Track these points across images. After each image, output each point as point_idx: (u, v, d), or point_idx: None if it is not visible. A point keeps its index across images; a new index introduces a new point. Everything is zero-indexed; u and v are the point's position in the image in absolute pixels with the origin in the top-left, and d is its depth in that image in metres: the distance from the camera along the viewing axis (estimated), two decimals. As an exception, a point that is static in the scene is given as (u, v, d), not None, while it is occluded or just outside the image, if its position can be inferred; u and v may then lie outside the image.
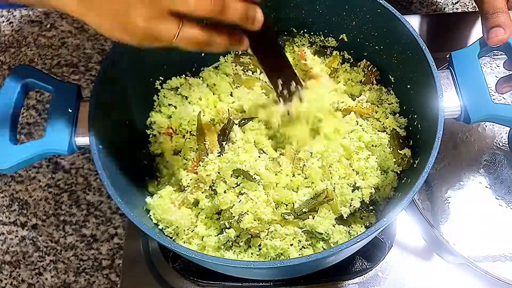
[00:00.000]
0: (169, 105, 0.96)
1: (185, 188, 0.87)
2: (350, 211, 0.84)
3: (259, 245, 0.82)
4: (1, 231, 1.03)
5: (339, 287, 0.91)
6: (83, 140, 0.77)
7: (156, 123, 0.94)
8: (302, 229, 0.82)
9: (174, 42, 0.59)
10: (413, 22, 0.83)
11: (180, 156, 0.92)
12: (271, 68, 0.81)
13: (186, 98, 0.97)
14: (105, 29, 0.60)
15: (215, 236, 0.84)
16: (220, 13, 0.58)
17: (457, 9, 1.26)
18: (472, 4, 1.25)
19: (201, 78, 1.00)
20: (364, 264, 0.93)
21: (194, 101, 0.96)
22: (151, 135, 0.94)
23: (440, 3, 1.26)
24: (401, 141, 0.90)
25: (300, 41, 1.02)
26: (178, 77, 0.98)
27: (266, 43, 0.75)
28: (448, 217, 0.93)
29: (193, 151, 0.90)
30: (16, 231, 1.03)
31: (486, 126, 1.01)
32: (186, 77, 0.99)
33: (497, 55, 1.04)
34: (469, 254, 0.88)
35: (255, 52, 0.76)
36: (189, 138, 0.93)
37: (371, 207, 0.86)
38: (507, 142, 0.98)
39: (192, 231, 0.84)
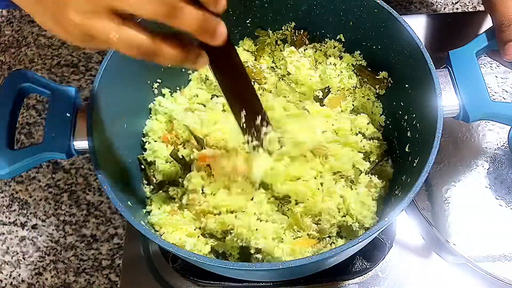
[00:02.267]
0: (165, 113, 0.95)
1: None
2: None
3: None
4: (1, 231, 1.03)
5: (339, 287, 0.91)
6: (81, 144, 0.76)
7: (152, 130, 0.94)
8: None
9: (112, 44, 0.52)
10: (413, 22, 0.82)
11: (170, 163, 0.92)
12: (233, 95, 0.71)
13: None
14: (41, 21, 0.55)
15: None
16: (169, 17, 0.51)
17: (457, 9, 1.26)
18: (472, 4, 1.25)
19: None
20: (364, 264, 0.93)
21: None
22: (147, 142, 0.94)
23: (440, 3, 1.26)
24: (369, 69, 0.95)
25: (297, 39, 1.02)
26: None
27: (227, 64, 0.65)
28: (448, 217, 0.93)
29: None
30: (16, 231, 1.03)
31: (486, 126, 1.01)
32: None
33: (497, 54, 1.04)
34: (469, 254, 0.88)
35: (215, 72, 0.66)
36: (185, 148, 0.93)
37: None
38: (507, 142, 0.98)
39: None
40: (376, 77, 0.93)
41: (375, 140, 0.92)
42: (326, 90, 0.97)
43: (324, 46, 1.00)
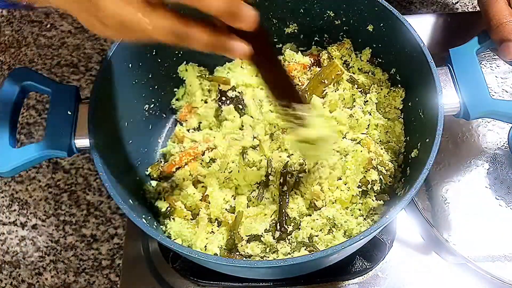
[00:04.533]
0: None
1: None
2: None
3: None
4: (1, 231, 1.03)
5: (339, 287, 0.91)
6: (83, 142, 0.76)
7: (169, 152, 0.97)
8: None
9: (146, 31, 0.55)
10: (413, 22, 0.82)
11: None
12: (270, 84, 0.70)
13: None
14: (79, 18, 0.58)
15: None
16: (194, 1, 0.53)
17: (457, 9, 1.26)
18: (472, 3, 1.25)
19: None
20: (364, 264, 0.93)
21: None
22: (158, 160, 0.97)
23: (440, 3, 1.26)
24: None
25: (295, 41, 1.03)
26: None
27: (265, 55, 0.65)
28: (448, 217, 0.93)
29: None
30: (16, 231, 1.03)
31: (486, 126, 1.01)
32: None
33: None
34: (469, 254, 0.88)
35: (257, 65, 0.68)
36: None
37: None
38: (507, 142, 0.98)
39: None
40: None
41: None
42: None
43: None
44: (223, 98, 0.97)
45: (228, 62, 1.03)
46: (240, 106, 0.96)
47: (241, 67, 1.01)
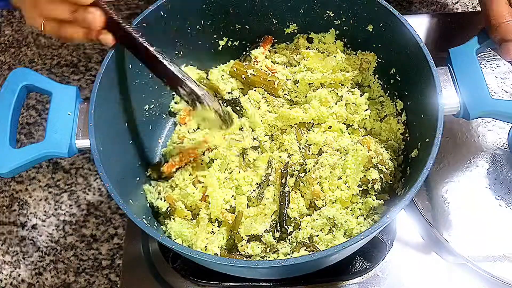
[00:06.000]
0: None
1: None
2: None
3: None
4: (1, 231, 1.03)
5: (339, 287, 0.91)
6: (83, 142, 0.77)
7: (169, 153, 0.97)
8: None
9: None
10: (413, 22, 0.82)
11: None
12: (159, 74, 0.80)
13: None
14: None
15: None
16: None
17: (457, 9, 1.26)
18: (472, 4, 1.25)
19: None
20: (364, 264, 0.93)
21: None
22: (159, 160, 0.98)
23: (440, 3, 1.26)
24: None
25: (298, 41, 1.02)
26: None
27: (134, 47, 0.79)
28: (448, 217, 0.93)
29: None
30: (16, 231, 1.03)
31: (486, 126, 1.01)
32: None
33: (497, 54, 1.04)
34: (469, 254, 0.88)
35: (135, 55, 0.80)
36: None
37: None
38: (507, 142, 0.98)
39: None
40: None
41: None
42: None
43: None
44: (220, 101, 0.96)
45: (222, 64, 1.03)
46: (238, 108, 0.96)
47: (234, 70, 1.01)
